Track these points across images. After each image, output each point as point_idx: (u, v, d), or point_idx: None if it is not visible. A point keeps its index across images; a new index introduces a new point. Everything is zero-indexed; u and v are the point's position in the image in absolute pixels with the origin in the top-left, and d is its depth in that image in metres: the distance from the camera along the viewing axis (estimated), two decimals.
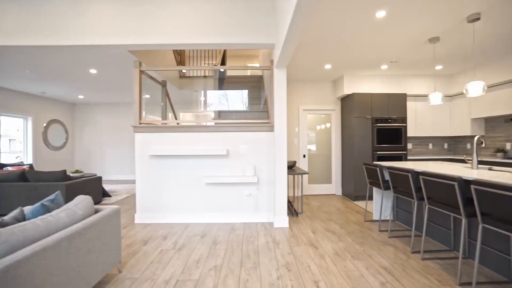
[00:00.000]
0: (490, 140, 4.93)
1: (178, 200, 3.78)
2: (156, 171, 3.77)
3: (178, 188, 3.78)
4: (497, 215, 1.81)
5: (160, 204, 3.78)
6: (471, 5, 2.68)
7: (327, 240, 3.09)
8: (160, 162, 3.77)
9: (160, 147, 3.76)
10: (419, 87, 5.31)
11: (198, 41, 3.45)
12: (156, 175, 3.77)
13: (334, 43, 3.65)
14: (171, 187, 3.77)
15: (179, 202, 3.78)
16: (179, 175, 3.78)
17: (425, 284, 2.12)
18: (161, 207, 3.78)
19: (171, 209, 3.78)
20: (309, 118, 5.79)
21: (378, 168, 3.31)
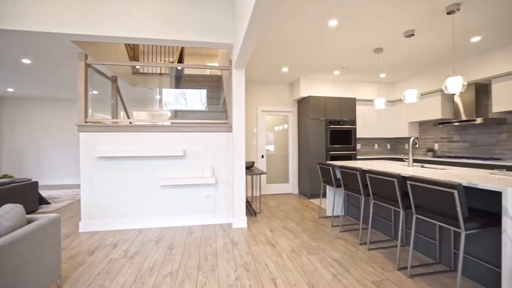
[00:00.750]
0: (423, 141, 5.62)
1: (130, 204, 3.53)
2: (105, 174, 3.47)
3: (131, 191, 3.53)
4: (426, 206, 2.07)
5: (109, 210, 3.48)
6: (407, 22, 3.02)
7: (284, 237, 3.18)
8: (110, 164, 3.48)
9: (110, 148, 3.47)
10: (366, 93, 5.81)
11: (154, 36, 3.27)
12: (105, 178, 3.47)
13: (291, 47, 3.79)
14: (123, 190, 3.51)
15: (132, 207, 3.54)
16: (132, 178, 3.53)
17: (370, 272, 2.32)
18: (111, 213, 3.49)
19: (122, 214, 3.51)
20: (268, 119, 5.91)
21: (330, 167, 3.53)
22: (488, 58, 4.00)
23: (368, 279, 2.21)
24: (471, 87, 4.37)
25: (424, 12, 2.81)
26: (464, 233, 1.81)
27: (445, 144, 5.11)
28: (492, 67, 3.94)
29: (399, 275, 2.27)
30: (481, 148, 4.44)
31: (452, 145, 4.96)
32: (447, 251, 2.40)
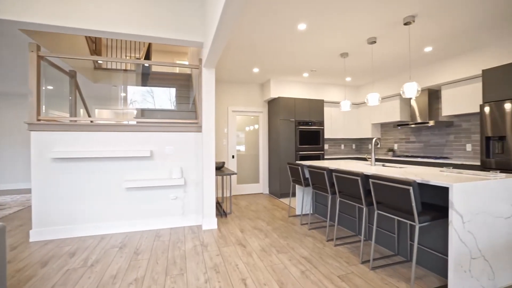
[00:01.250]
0: (384, 142, 6.02)
1: (91, 209, 3.29)
2: (62, 177, 3.19)
3: (92, 195, 3.29)
4: (386, 202, 2.21)
5: (66, 216, 3.21)
6: (370, 29, 3.21)
7: (255, 237, 3.20)
8: (68, 166, 3.21)
9: (68, 149, 3.20)
10: (333, 95, 6.07)
11: (120, 30, 3.09)
12: (62, 181, 3.19)
13: (261, 48, 3.82)
14: (82, 194, 3.26)
15: (93, 211, 3.30)
16: (93, 180, 3.30)
17: (336, 266, 2.43)
18: (68, 219, 3.22)
19: (82, 220, 3.26)
20: (239, 119, 5.91)
21: (299, 167, 3.63)
22: (438, 67, 4.40)
23: (334, 273, 2.30)
24: (424, 93, 4.78)
25: (384, 21, 3.01)
26: (418, 226, 1.97)
27: (403, 144, 5.52)
28: (442, 75, 4.35)
29: (362, 268, 2.40)
30: (433, 148, 4.88)
31: (409, 145, 5.38)
32: (404, 243, 2.60)
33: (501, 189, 2.05)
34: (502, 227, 2.06)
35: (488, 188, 1.99)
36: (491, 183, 2.00)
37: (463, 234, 1.89)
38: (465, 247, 1.90)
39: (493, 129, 3.36)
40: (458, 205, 1.86)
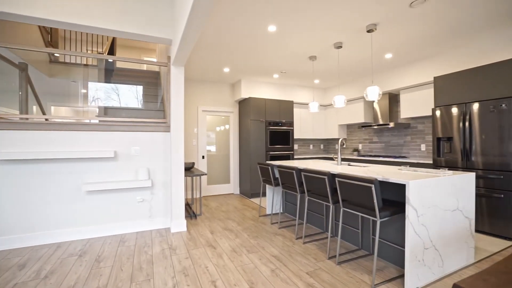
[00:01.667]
0: (350, 142, 6.34)
1: (45, 215, 3.02)
2: (10, 180, 2.88)
3: (46, 199, 3.02)
4: (351, 199, 2.33)
5: (15, 224, 2.91)
6: (336, 34, 3.36)
7: (225, 238, 3.18)
8: (17, 168, 2.91)
9: (18, 149, 2.90)
10: (303, 96, 6.24)
11: (80, 21, 2.86)
12: (12, 185, 2.88)
13: (232, 48, 3.80)
14: (35, 199, 2.97)
15: (48, 218, 3.03)
16: (48, 184, 3.02)
17: (305, 263, 2.50)
18: (18, 227, 2.92)
19: (34, 228, 2.98)
20: (209, 119, 5.82)
21: (269, 167, 3.68)
22: (398, 72, 4.75)
23: (303, 270, 2.37)
24: (385, 96, 5.12)
25: (349, 27, 3.17)
26: (379, 221, 2.10)
27: (367, 144, 5.86)
28: (400, 80, 4.70)
29: (329, 264, 2.50)
30: (393, 148, 5.25)
31: (372, 145, 5.73)
32: (367, 237, 2.76)
33: (449, 185, 2.27)
34: (449, 219, 2.28)
35: (438, 184, 2.19)
36: (441, 179, 2.21)
37: (417, 227, 2.05)
38: (419, 238, 2.07)
39: (443, 131, 3.71)
40: (414, 200, 2.03)
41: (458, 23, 3.05)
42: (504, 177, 3.10)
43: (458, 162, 3.54)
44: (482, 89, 3.35)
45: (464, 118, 3.47)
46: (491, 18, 2.94)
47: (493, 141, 3.19)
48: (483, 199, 3.29)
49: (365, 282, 2.16)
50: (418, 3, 2.62)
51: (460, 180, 2.36)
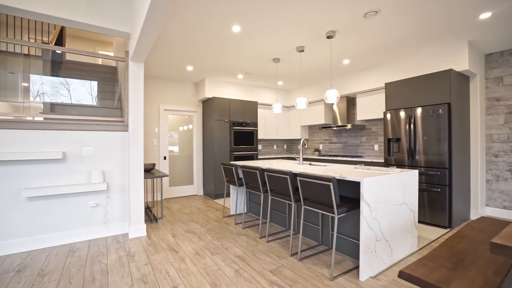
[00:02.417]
0: (311, 143, 6.61)
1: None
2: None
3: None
4: (311, 198, 2.43)
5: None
6: (298, 39, 3.48)
7: (188, 241, 3.09)
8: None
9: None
10: (267, 97, 6.35)
11: (21, 5, 2.54)
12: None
13: (195, 46, 3.71)
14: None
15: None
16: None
17: (269, 262, 2.54)
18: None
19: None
20: (171, 118, 5.61)
21: (233, 167, 3.67)
22: (354, 77, 5.08)
23: (266, 268, 2.41)
24: (343, 99, 5.45)
25: (310, 33, 3.30)
26: (337, 217, 2.22)
27: (327, 145, 6.17)
28: (357, 85, 5.04)
29: (291, 260, 2.57)
30: (350, 148, 5.61)
31: (332, 146, 6.05)
32: (327, 233, 2.90)
33: (397, 182, 2.49)
34: (397, 212, 2.51)
35: (388, 181, 2.40)
36: (390, 177, 2.42)
37: (370, 221, 2.22)
38: (372, 231, 2.23)
39: (392, 132, 4.07)
40: (367, 196, 2.19)
41: (405, 35, 3.37)
42: (441, 173, 3.51)
43: (405, 160, 3.91)
44: (424, 95, 3.75)
45: (409, 121, 3.85)
46: (432, 34, 3.31)
47: (432, 142, 3.59)
48: (424, 193, 3.68)
49: (325, 276, 2.27)
50: (371, 15, 2.83)
51: (406, 177, 2.61)
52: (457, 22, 3.01)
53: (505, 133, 3.85)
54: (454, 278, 1.32)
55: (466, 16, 2.88)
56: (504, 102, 3.86)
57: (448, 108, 3.47)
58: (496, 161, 3.93)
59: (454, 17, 2.91)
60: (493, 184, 3.96)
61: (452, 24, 3.06)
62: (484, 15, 2.86)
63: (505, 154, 3.85)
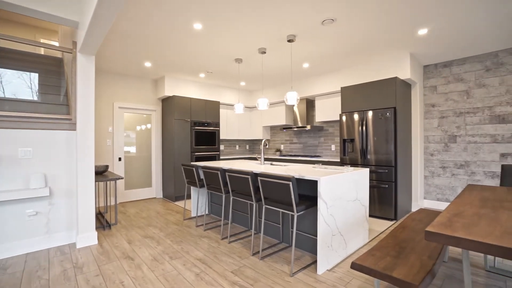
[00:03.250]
0: (273, 143, 6.76)
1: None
2: None
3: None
4: (272, 197, 2.49)
5: None
6: (260, 40, 3.53)
7: (145, 247, 2.92)
8: None
9: None
10: (229, 97, 6.32)
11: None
12: None
13: (154, 42, 3.54)
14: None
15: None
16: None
17: (230, 263, 2.53)
18: None
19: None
20: (128, 117, 5.26)
21: (194, 168, 3.58)
22: (313, 80, 5.33)
23: (228, 270, 2.39)
24: (303, 101, 5.67)
25: (272, 36, 3.37)
26: (296, 215, 2.31)
27: (288, 145, 6.37)
28: (316, 88, 5.29)
29: (253, 260, 2.60)
30: (310, 148, 5.86)
31: (293, 146, 6.26)
32: (287, 231, 2.99)
33: (350, 180, 2.68)
34: (351, 208, 2.69)
35: (343, 179, 2.56)
36: (345, 175, 2.59)
37: (327, 217, 2.35)
38: (328, 227, 2.36)
39: (347, 133, 4.36)
40: (324, 194, 2.31)
41: (358, 44, 3.63)
42: (388, 171, 3.86)
43: (358, 159, 4.22)
44: (374, 99, 4.09)
45: (362, 123, 4.16)
46: (380, 44, 3.62)
47: (381, 142, 3.94)
48: (374, 189, 4.02)
49: (285, 272, 2.34)
50: (328, 23, 3.00)
51: (359, 175, 2.82)
52: (401, 35, 3.35)
53: (438, 135, 4.39)
54: (397, 265, 1.46)
55: (408, 31, 3.22)
56: (438, 108, 4.40)
57: (394, 112, 3.83)
58: (432, 159, 4.45)
59: (397, 31, 3.22)
60: (430, 179, 4.49)
61: (397, 36, 3.39)
62: (422, 31, 3.23)
63: (438, 153, 4.39)
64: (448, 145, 4.29)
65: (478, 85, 4.01)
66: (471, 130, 4.07)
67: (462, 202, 1.75)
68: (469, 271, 1.31)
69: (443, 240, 1.14)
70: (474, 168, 4.04)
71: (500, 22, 2.99)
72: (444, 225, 1.25)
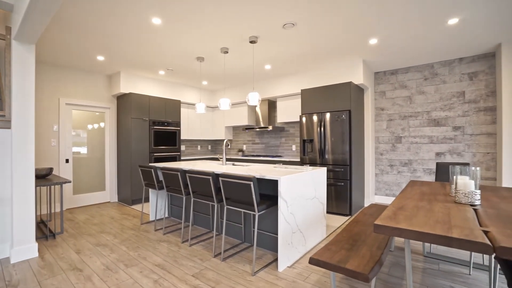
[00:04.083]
0: (235, 143, 6.75)
1: None
2: None
3: None
4: (233, 197, 2.48)
5: None
6: (223, 40, 3.50)
7: (97, 256, 2.69)
8: None
9: None
10: (191, 97, 6.15)
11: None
12: None
13: (108, 33, 3.28)
14: None
15: None
16: None
17: (191, 266, 2.46)
18: None
19: None
20: (78, 115, 4.80)
21: (152, 169, 3.40)
22: (275, 82, 5.45)
23: (189, 273, 2.32)
24: (265, 102, 5.77)
25: (234, 36, 3.36)
26: (257, 214, 2.33)
27: (250, 145, 6.41)
28: (277, 89, 5.41)
29: (215, 261, 2.56)
30: (271, 148, 5.98)
31: (255, 146, 6.32)
32: (249, 231, 3.01)
33: (309, 178, 2.79)
34: (309, 206, 2.81)
35: (302, 178, 2.66)
36: (304, 174, 2.69)
37: (287, 215, 2.41)
38: (288, 225, 2.43)
39: (307, 134, 4.55)
40: (284, 193, 2.37)
41: (317, 49, 3.81)
42: (344, 170, 4.12)
43: (317, 159, 4.42)
44: (332, 102, 4.33)
45: (320, 124, 4.38)
46: (337, 50, 3.84)
47: (338, 142, 4.18)
48: (332, 187, 4.25)
49: (247, 272, 2.35)
50: (289, 27, 3.09)
51: (317, 173, 2.95)
52: (355, 43, 3.60)
53: (387, 136, 4.82)
54: (350, 257, 1.56)
55: (361, 40, 3.47)
56: (386, 112, 4.82)
57: (349, 114, 4.10)
58: (382, 158, 4.87)
59: (352, 39, 3.46)
60: (380, 176, 4.90)
61: (351, 44, 3.63)
62: (373, 41, 3.51)
63: (387, 152, 4.81)
64: (395, 145, 4.73)
65: (419, 92, 4.50)
66: (413, 132, 4.55)
67: (405, 196, 1.94)
68: (410, 257, 1.45)
69: (388, 232, 1.25)
70: (416, 165, 4.52)
71: (435, 37, 3.38)
72: (390, 218, 1.38)
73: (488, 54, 3.94)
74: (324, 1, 2.57)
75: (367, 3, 2.61)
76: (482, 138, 3.97)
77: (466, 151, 4.10)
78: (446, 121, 4.25)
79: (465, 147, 4.10)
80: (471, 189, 1.67)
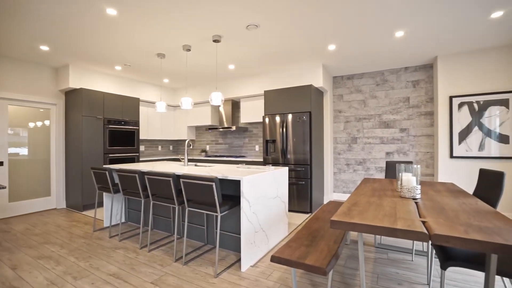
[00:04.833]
0: (198, 143, 6.60)
1: None
2: None
3: None
4: (195, 199, 2.42)
5: None
6: (185, 37, 3.39)
7: (39, 270, 2.42)
8: None
9: None
10: (151, 94, 5.85)
11: None
12: None
13: (55, 20, 2.96)
14: None
15: None
16: None
17: (150, 273, 2.34)
18: None
19: None
20: (17, 111, 4.25)
21: (107, 171, 3.16)
22: (239, 82, 5.45)
23: (147, 281, 2.20)
24: (229, 102, 5.74)
25: (196, 34, 3.29)
26: (219, 215, 2.31)
27: (214, 145, 6.33)
28: (241, 90, 5.42)
29: (176, 266, 2.47)
30: (235, 149, 5.97)
31: (218, 146, 6.25)
32: (212, 232, 2.97)
33: (271, 178, 2.85)
34: (272, 205, 2.87)
35: (265, 178, 2.70)
36: (266, 174, 2.74)
37: (250, 215, 2.43)
38: (251, 225, 2.45)
39: (270, 134, 4.63)
40: (247, 193, 2.38)
41: (280, 51, 3.91)
42: (305, 169, 4.29)
43: (280, 159, 4.53)
44: (293, 103, 4.47)
45: (283, 125, 4.50)
46: (298, 53, 3.99)
47: (299, 143, 4.34)
48: (293, 186, 4.39)
49: (210, 274, 2.31)
50: (252, 28, 3.12)
51: (279, 173, 3.03)
52: (315, 48, 3.77)
53: (344, 136, 5.14)
54: (309, 253, 1.63)
55: (320, 45, 3.65)
56: (343, 114, 5.14)
57: (309, 116, 4.28)
58: (339, 157, 5.18)
59: (312, 44, 3.62)
60: (337, 175, 5.20)
61: (312, 49, 3.80)
62: (331, 47, 3.72)
63: (344, 152, 5.13)
64: (351, 145, 5.07)
65: (372, 96, 4.88)
66: (367, 133, 4.92)
67: (359, 193, 2.09)
68: (363, 249, 1.57)
69: (344, 227, 1.34)
70: (369, 164, 4.89)
71: (385, 47, 3.71)
72: (345, 214, 1.47)
73: (427, 65, 4.44)
74: (286, 5, 2.65)
75: (327, 11, 2.75)
76: (423, 139, 4.46)
77: (410, 150, 4.56)
78: (394, 124, 4.68)
79: (409, 147, 4.57)
80: (413, 185, 1.86)
